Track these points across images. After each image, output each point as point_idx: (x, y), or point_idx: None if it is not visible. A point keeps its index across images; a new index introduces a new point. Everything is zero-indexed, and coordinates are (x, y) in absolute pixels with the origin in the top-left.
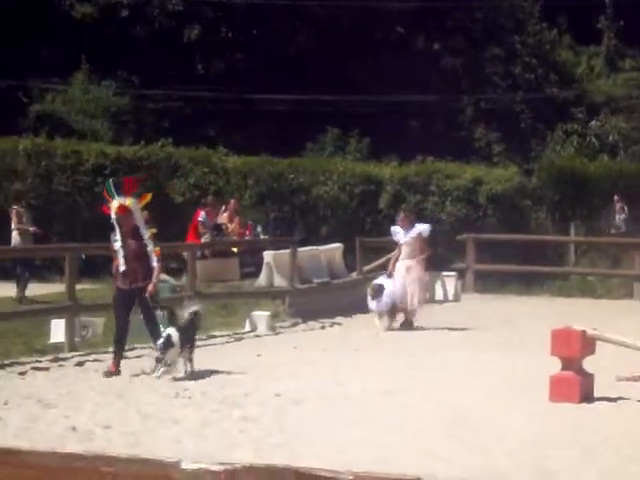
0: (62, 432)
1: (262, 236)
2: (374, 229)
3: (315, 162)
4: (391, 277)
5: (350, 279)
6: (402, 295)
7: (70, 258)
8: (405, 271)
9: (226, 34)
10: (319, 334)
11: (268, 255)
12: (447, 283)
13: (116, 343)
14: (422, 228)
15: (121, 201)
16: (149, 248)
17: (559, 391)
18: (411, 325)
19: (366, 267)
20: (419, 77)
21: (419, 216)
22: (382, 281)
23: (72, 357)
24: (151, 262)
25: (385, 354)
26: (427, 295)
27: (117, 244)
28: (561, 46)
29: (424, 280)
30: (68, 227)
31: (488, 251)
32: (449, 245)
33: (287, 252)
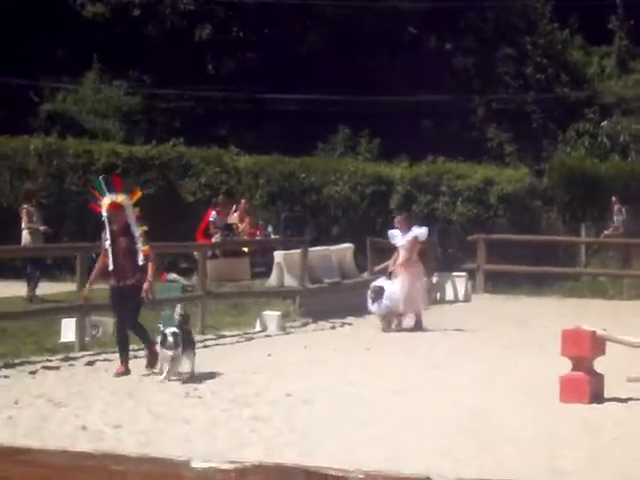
0: (72, 431)
1: (273, 236)
2: (385, 229)
3: (326, 162)
4: (390, 279)
5: (361, 279)
6: (401, 298)
7: (81, 257)
8: (404, 275)
9: (237, 34)
10: (330, 334)
11: (279, 255)
12: (458, 283)
13: (119, 343)
14: (419, 232)
15: (113, 198)
16: (138, 246)
17: (569, 391)
18: (420, 326)
19: (377, 267)
20: (431, 77)
21: (430, 216)
22: (382, 283)
23: (82, 356)
24: (139, 260)
25: (396, 354)
26: (430, 296)
27: (107, 242)
28: (572, 46)
29: (423, 282)
30: (79, 226)
31: (499, 251)
32: (460, 245)
33: (298, 252)
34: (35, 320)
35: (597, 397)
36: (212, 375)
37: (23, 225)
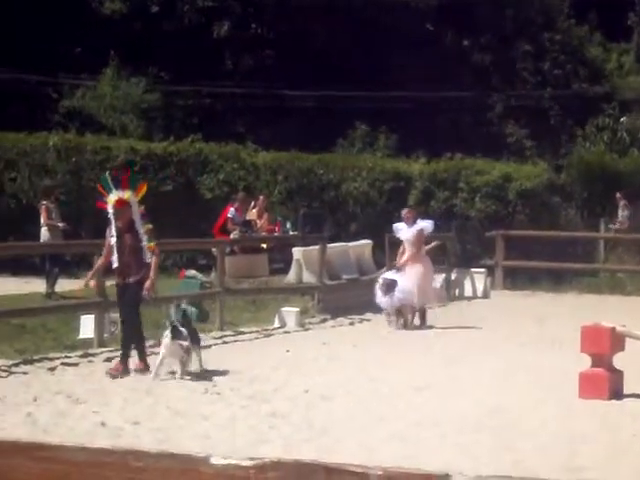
0: (91, 428)
1: (291, 232)
2: None
3: (344, 158)
4: (400, 272)
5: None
6: (415, 291)
7: (99, 254)
8: (414, 268)
9: (256, 30)
10: (348, 330)
11: (297, 251)
12: (476, 280)
13: (136, 341)
14: (424, 224)
15: (119, 194)
16: (143, 243)
17: (589, 388)
18: (424, 323)
19: (396, 263)
20: (449, 73)
21: (448, 212)
22: (393, 276)
23: (101, 353)
24: (144, 257)
25: (415, 350)
26: (449, 293)
27: (112, 239)
28: (591, 43)
29: (432, 276)
30: (97, 223)
31: (517, 248)
32: (478, 242)
33: (316, 248)
34: (54, 316)
35: (616, 393)
36: (231, 371)
37: (42, 222)
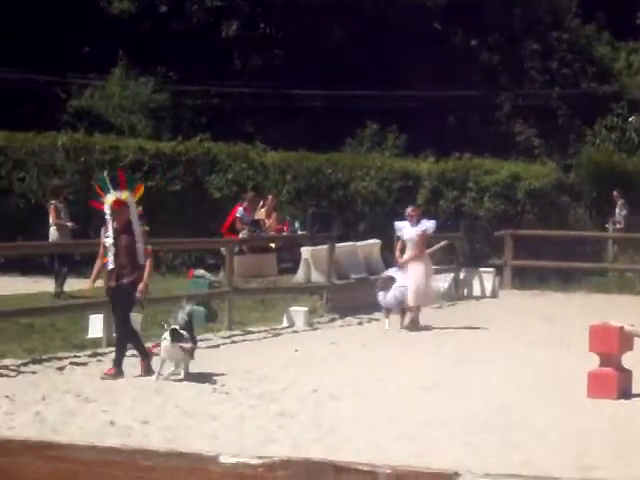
0: (100, 427)
1: (300, 232)
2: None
3: (353, 157)
4: (401, 269)
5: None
6: (411, 292)
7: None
8: (414, 268)
9: (264, 30)
10: (357, 330)
11: (306, 251)
12: (485, 279)
13: (132, 342)
14: (427, 225)
15: (117, 195)
16: (139, 245)
17: (597, 387)
18: (416, 324)
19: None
20: (457, 73)
21: (457, 212)
22: (393, 273)
23: (110, 352)
24: (139, 259)
25: (423, 350)
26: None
27: (109, 240)
28: (599, 42)
29: (431, 277)
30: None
31: (526, 247)
32: (487, 241)
33: (325, 248)
34: (63, 316)
35: (625, 393)
36: (239, 371)
37: (50, 221)
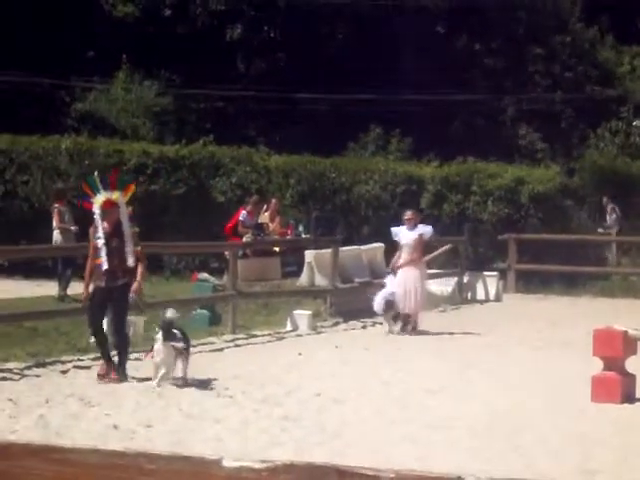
0: (103, 430)
1: (304, 235)
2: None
3: (357, 161)
4: (394, 275)
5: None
6: (399, 297)
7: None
8: (406, 273)
9: (268, 34)
10: (360, 333)
11: (309, 254)
12: (489, 283)
13: (101, 347)
14: (424, 230)
15: (107, 195)
16: (128, 247)
17: (601, 391)
18: (415, 329)
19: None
20: (461, 77)
21: (460, 216)
22: (389, 281)
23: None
24: (129, 260)
25: (427, 354)
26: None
27: (100, 241)
28: (603, 46)
29: (425, 283)
30: None
31: (530, 251)
32: (490, 245)
33: (328, 251)
34: (66, 319)
35: (629, 397)
36: (243, 375)
37: (54, 225)
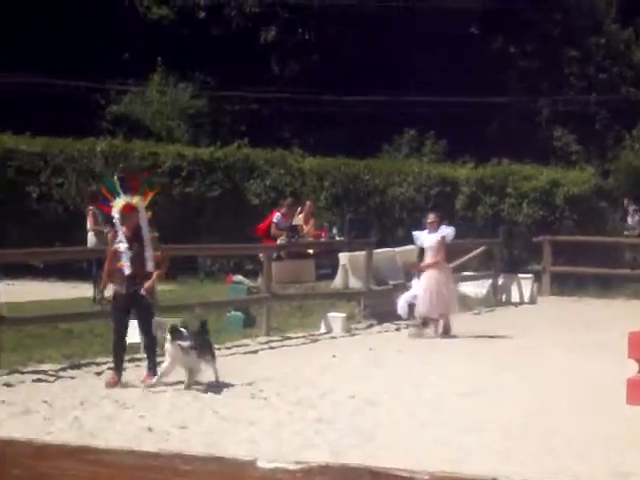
0: (138, 432)
1: (338, 238)
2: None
3: (391, 164)
4: (419, 278)
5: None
6: (423, 301)
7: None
8: (429, 276)
9: (302, 35)
10: (394, 336)
11: (344, 257)
12: (523, 285)
13: (117, 351)
14: (446, 231)
15: (127, 199)
16: (147, 252)
17: (636, 394)
18: (447, 332)
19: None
20: (496, 79)
21: (495, 218)
22: (414, 284)
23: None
24: (148, 266)
25: (461, 356)
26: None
27: (122, 245)
28: (638, 48)
29: (453, 286)
30: None
31: (564, 253)
32: (525, 247)
33: (363, 254)
34: (101, 321)
35: None
36: (277, 377)
37: (88, 227)
